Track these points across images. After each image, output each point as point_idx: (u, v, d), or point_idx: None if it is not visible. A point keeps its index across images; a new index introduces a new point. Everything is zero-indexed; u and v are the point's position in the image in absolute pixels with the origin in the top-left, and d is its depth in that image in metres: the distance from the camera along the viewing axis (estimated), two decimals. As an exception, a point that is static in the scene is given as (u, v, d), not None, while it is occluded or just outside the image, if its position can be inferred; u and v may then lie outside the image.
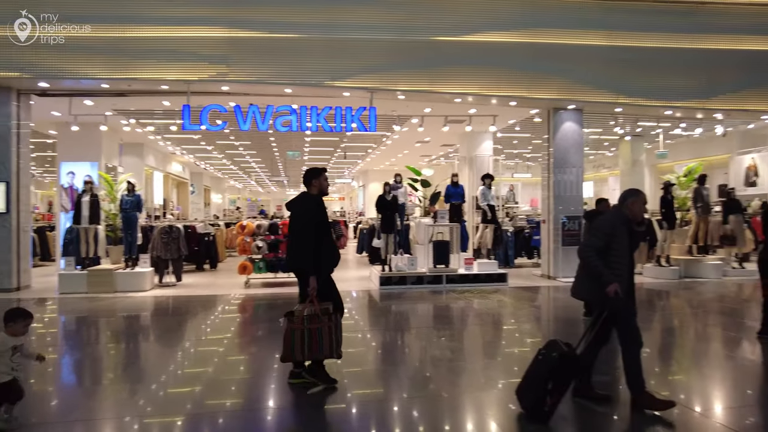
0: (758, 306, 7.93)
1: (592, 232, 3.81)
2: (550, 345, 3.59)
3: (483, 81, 9.08)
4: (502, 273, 9.66)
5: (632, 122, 12.67)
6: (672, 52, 9.61)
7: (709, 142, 16.04)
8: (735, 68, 9.89)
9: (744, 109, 10.06)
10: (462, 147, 15.10)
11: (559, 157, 10.07)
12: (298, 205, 4.24)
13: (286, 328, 3.98)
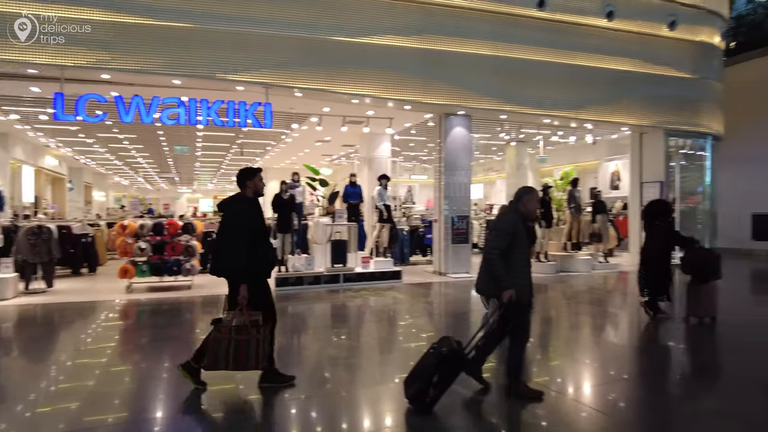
0: (621, 295, 9.04)
1: (495, 233, 3.83)
2: (442, 340, 3.73)
3: (380, 84, 9.25)
4: (397, 270, 9.92)
5: (516, 129, 13.69)
6: (551, 66, 10.53)
7: (582, 149, 17.82)
8: (602, 84, 11.10)
9: (609, 121, 11.32)
10: (361, 148, 15.28)
11: (450, 160, 10.58)
12: (231, 206, 4.07)
13: (212, 335, 3.82)
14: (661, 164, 12.12)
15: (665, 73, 11.71)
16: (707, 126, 12.51)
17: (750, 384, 4.39)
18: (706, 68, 12.35)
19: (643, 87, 11.48)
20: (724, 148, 13.85)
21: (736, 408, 3.85)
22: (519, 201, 3.89)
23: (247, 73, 8.48)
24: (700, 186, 13.49)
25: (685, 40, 11.93)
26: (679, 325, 6.45)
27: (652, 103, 11.64)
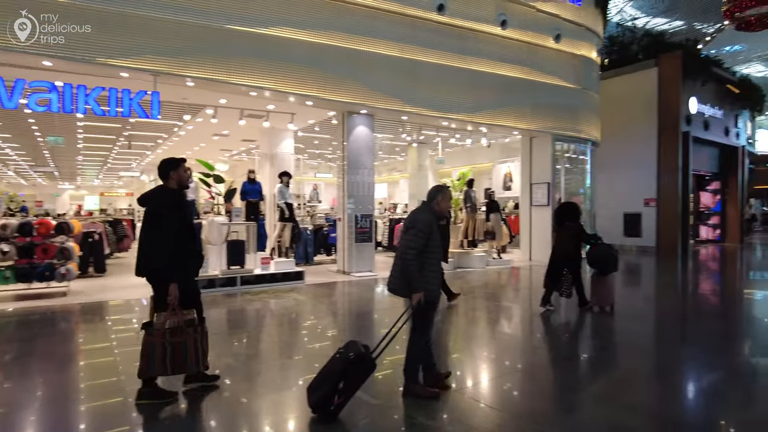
0: (513, 290, 9.58)
1: (412, 231, 3.74)
2: (348, 345, 3.57)
3: (280, 77, 8.94)
4: (299, 271, 9.68)
5: (417, 130, 14.02)
6: (450, 70, 10.90)
7: (478, 151, 18.75)
8: (496, 90, 11.73)
9: (502, 125, 11.99)
10: (263, 143, 14.75)
11: (353, 159, 10.55)
12: (154, 200, 3.80)
13: (143, 340, 3.62)
14: (548, 167, 13.11)
15: (552, 82, 12.67)
16: (588, 133, 13.76)
17: (638, 369, 4.84)
18: (586, 80, 13.57)
19: (533, 94, 12.34)
20: (601, 153, 15.32)
21: (621, 394, 4.18)
22: (432, 200, 3.91)
23: (133, 59, 7.74)
24: (581, 188, 14.82)
25: (568, 53, 13.00)
26: (583, 314, 7.06)
27: (540, 109, 12.54)
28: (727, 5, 14.21)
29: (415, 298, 3.66)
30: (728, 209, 19.44)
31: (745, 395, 4.23)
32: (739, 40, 34.96)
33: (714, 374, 4.73)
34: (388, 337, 3.70)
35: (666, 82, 15.64)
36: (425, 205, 3.94)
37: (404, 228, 3.89)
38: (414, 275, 3.65)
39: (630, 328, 6.48)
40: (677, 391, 4.33)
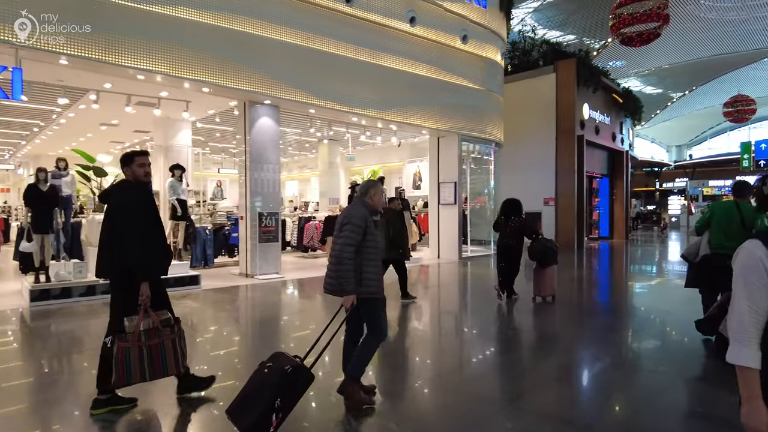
0: (423, 288, 9.47)
1: (349, 227, 3.55)
2: (276, 358, 3.19)
3: (172, 60, 8.08)
4: (194, 275, 8.83)
5: (327, 126, 13.59)
6: (359, 65, 10.61)
7: (389, 150, 18.71)
8: (405, 88, 11.64)
9: (411, 123, 11.93)
10: (156, 134, 13.49)
11: (256, 153, 9.88)
12: (117, 195, 3.61)
13: (116, 348, 3.33)
14: (455, 166, 13.30)
15: (459, 82, 12.86)
16: (492, 134, 14.17)
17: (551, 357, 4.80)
18: (491, 82, 13.97)
19: (441, 94, 12.43)
20: (504, 154, 15.90)
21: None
22: (365, 194, 3.76)
23: (-12, 28, 6.54)
24: (486, 188, 15.27)
25: (474, 55, 13.28)
26: (524, 305, 7.42)
27: (448, 109, 12.67)
28: (612, 21, 15.31)
29: (347, 300, 3.46)
30: (615, 208, 21.20)
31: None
32: (619, 56, 38.53)
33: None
34: (322, 343, 3.39)
35: (563, 87, 16.63)
36: (358, 200, 3.78)
37: (338, 226, 3.66)
38: (348, 275, 3.45)
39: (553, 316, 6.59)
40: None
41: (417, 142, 16.92)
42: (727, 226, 5.32)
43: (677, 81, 47.94)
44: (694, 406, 3.99)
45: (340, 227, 3.63)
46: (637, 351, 5.46)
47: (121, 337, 3.36)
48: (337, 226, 3.70)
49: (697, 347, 5.31)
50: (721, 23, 39.87)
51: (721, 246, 5.30)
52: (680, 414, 3.80)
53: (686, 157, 55.31)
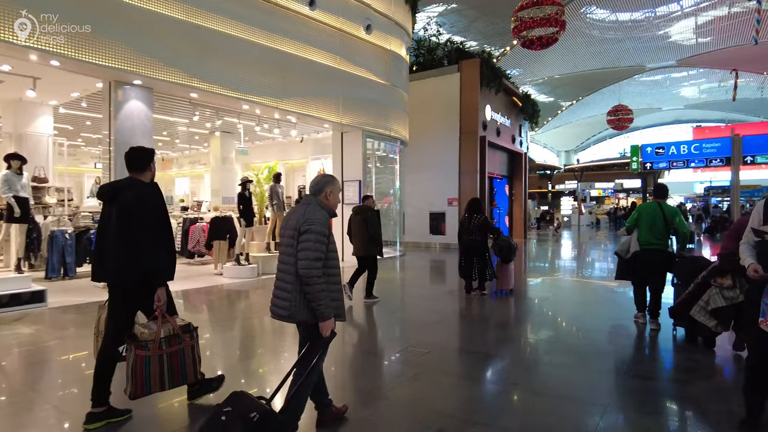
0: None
1: (309, 238, 2.82)
2: (236, 399, 2.50)
3: (7, 23, 6.42)
4: (39, 290, 7.12)
5: (215, 114, 12.15)
6: (251, 47, 9.45)
7: (292, 146, 17.55)
8: (306, 76, 10.64)
9: (311, 115, 10.95)
10: (6, 120, 11.19)
11: (123, 142, 8.32)
12: (129, 193, 3.24)
13: (133, 357, 3.10)
14: (359, 164, 12.55)
15: (363, 75, 12.13)
16: (397, 131, 13.62)
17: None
18: (396, 77, 13.41)
19: (344, 86, 11.61)
20: (409, 154, 15.49)
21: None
22: (320, 192, 3.07)
23: None
24: (391, 187, 14.71)
25: (379, 47, 12.63)
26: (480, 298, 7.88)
27: (351, 103, 11.88)
28: (514, 23, 15.52)
29: (325, 327, 2.84)
30: (515, 208, 21.81)
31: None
32: (515, 65, 40.55)
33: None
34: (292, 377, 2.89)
35: (466, 87, 16.59)
36: (311, 199, 3.06)
37: (291, 234, 2.94)
38: (321, 297, 2.81)
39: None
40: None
41: (321, 137, 15.98)
42: (652, 224, 5.91)
43: (566, 91, 51.67)
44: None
45: (294, 235, 2.90)
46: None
47: (139, 345, 3.16)
48: (287, 233, 2.98)
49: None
50: (602, 40, 43.53)
51: (648, 243, 5.92)
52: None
53: (574, 161, 59.91)
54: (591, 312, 7.35)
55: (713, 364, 4.91)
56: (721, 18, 37.74)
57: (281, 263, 3.00)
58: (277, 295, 3.00)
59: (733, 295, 4.73)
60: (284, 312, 2.93)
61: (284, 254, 2.98)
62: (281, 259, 3.00)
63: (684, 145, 11.47)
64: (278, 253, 3.06)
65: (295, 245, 2.88)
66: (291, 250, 2.92)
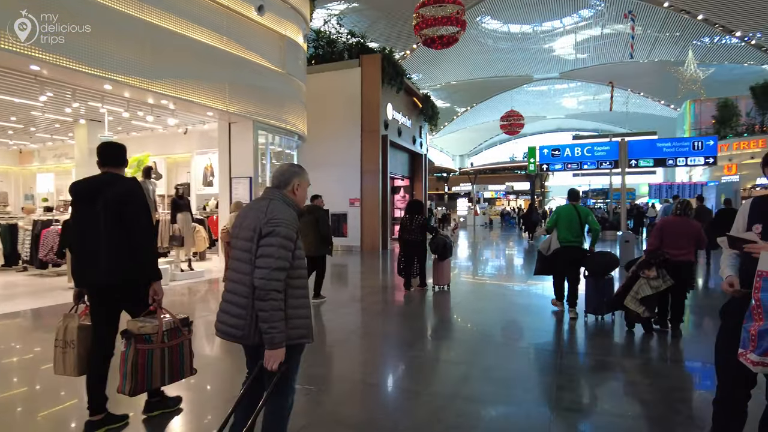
0: (205, 310, 7.31)
1: (275, 241, 2.33)
2: None
3: None
4: None
5: (71, 96, 10.17)
6: (114, 15, 7.88)
7: (175, 138, 15.66)
8: (183, 55, 9.22)
9: (190, 100, 9.51)
10: None
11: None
12: (115, 188, 3.21)
13: (133, 352, 3.06)
14: (250, 158, 11.30)
15: (255, 59, 10.92)
16: (294, 124, 12.55)
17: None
18: (292, 66, 12.34)
19: (232, 70, 10.31)
20: (308, 151, 14.51)
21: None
22: (286, 185, 2.56)
23: None
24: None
25: (273, 31, 11.50)
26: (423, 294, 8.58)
27: (240, 89, 10.63)
28: (415, 20, 15.21)
29: (273, 357, 2.29)
30: (415, 210, 21.68)
31: None
32: (415, 69, 41.18)
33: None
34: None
35: (368, 83, 15.97)
36: (274, 193, 2.54)
37: (249, 236, 2.42)
38: (276, 317, 2.28)
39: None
40: None
41: (208, 129, 14.36)
42: (569, 224, 6.64)
43: (462, 97, 53.82)
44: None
45: (253, 238, 2.39)
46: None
47: (140, 339, 3.08)
48: (243, 234, 2.46)
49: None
50: (495, 50, 45.87)
51: (566, 240, 6.65)
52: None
53: (468, 165, 62.57)
54: (515, 304, 8.38)
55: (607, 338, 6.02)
56: (596, 37, 41.51)
57: (234, 271, 2.48)
58: (227, 310, 2.47)
59: (657, 284, 5.54)
60: (237, 332, 2.42)
61: (238, 260, 2.46)
62: (234, 266, 2.48)
63: (578, 148, 11.80)
64: (230, 258, 2.55)
65: (253, 250, 2.38)
66: (247, 256, 2.41)
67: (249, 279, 2.36)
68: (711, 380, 3.63)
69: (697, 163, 10.72)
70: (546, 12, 38.58)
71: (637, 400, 4.10)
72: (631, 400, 4.13)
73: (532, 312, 7.35)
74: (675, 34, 36.84)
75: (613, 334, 6.05)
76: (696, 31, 35.18)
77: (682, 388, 4.41)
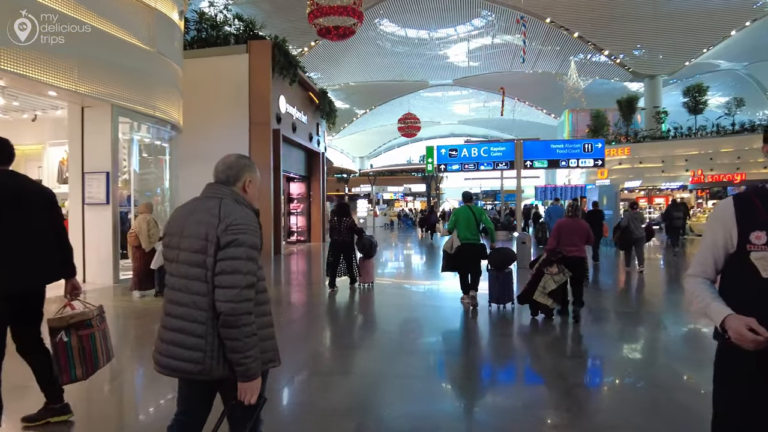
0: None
1: (241, 253, 1.91)
2: None
3: None
4: None
5: None
6: None
7: (23, 126, 13.04)
8: (13, 16, 7.32)
9: (22, 74, 7.57)
10: None
11: None
12: (43, 189, 3.42)
13: (77, 339, 3.15)
14: (107, 150, 9.47)
15: (114, 32, 9.19)
16: (166, 112, 10.87)
17: None
18: (165, 45, 10.69)
19: (85, 42, 8.49)
20: (187, 144, 12.87)
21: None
22: (236, 181, 2.12)
23: None
24: (160, 185, 11.85)
25: (140, 3, 9.81)
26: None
27: (95, 66, 8.86)
28: (309, 7, 14.23)
29: (251, 390, 1.93)
30: (313, 210, 20.57)
31: None
32: (313, 68, 40.14)
33: None
34: None
35: (257, 72, 14.57)
36: (221, 190, 2.08)
37: (199, 246, 1.96)
38: (249, 345, 1.90)
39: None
40: None
41: (62, 116, 12.10)
42: (467, 223, 7.33)
43: (361, 98, 53.69)
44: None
45: (206, 248, 1.94)
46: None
47: (81, 325, 3.18)
48: (190, 244, 1.98)
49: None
50: (393, 53, 46.25)
51: (466, 238, 7.32)
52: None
53: (368, 166, 62.67)
54: (429, 297, 9.30)
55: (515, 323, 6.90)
56: (487, 46, 43.51)
57: (179, 291, 2.00)
58: (175, 340, 1.97)
59: (559, 278, 6.41)
60: (193, 366, 1.94)
61: (185, 277, 1.97)
62: (178, 284, 2.00)
63: (475, 148, 11.62)
64: (169, 274, 2.07)
65: (209, 264, 1.92)
66: (199, 272, 1.94)
67: (206, 301, 1.95)
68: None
69: (587, 164, 11.04)
70: (441, 19, 39.59)
71: (547, 369, 5.03)
72: (542, 369, 5.08)
73: (445, 304, 8.02)
74: (556, 48, 39.73)
75: (516, 322, 6.81)
76: (573, 47, 38.22)
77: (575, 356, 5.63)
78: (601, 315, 7.14)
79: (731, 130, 29.36)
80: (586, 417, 3.75)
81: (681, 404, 3.92)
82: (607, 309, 7.66)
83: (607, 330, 6.52)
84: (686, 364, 5.08)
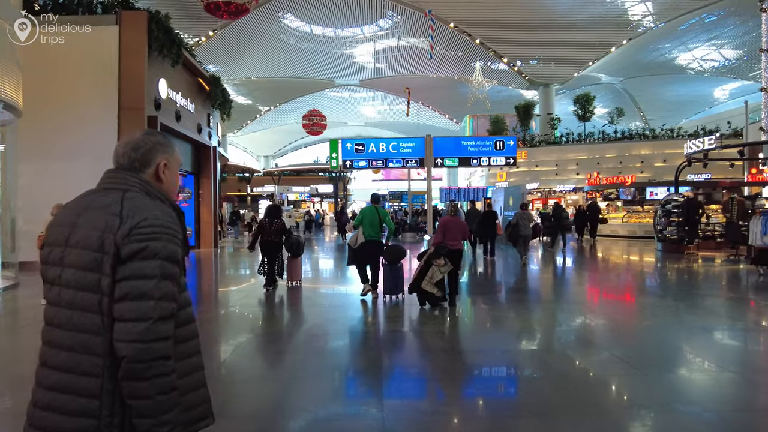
0: None
1: (153, 267, 1.36)
2: None
3: None
4: None
5: None
6: None
7: None
8: None
9: None
10: None
11: None
12: None
13: None
14: None
15: None
16: (-4, 86, 8.58)
17: None
18: (-7, 1, 8.43)
19: None
20: (32, 132, 10.49)
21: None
22: (145, 166, 1.54)
23: None
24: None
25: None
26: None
27: None
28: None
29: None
30: (203, 212, 18.37)
31: None
32: (213, 61, 37.19)
33: None
34: None
35: (129, 49, 12.33)
36: (125, 179, 1.51)
37: (90, 260, 1.38)
38: (167, 404, 1.34)
39: None
40: None
41: None
42: (372, 222, 8.09)
43: (264, 95, 51.11)
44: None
45: (98, 263, 1.37)
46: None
47: None
48: (77, 258, 1.40)
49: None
50: (297, 49, 44.39)
51: (370, 235, 8.06)
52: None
53: (273, 165, 60.12)
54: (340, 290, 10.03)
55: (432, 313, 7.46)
56: (393, 48, 43.31)
57: (57, 327, 1.41)
58: (55, 404, 1.37)
59: (445, 269, 7.21)
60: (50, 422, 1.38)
61: (69, 307, 1.39)
62: (57, 318, 1.41)
63: (383, 143, 10.67)
64: (49, 304, 1.46)
65: (104, 287, 1.37)
66: (90, 298, 1.37)
67: (100, 342, 1.35)
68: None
69: (498, 162, 10.55)
70: (347, 17, 38.60)
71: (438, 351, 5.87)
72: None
73: (350, 296, 8.74)
74: (459, 54, 40.50)
75: (408, 310, 7.49)
76: (475, 53, 39.18)
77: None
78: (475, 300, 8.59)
79: (614, 137, 31.82)
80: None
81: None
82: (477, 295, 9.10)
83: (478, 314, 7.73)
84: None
